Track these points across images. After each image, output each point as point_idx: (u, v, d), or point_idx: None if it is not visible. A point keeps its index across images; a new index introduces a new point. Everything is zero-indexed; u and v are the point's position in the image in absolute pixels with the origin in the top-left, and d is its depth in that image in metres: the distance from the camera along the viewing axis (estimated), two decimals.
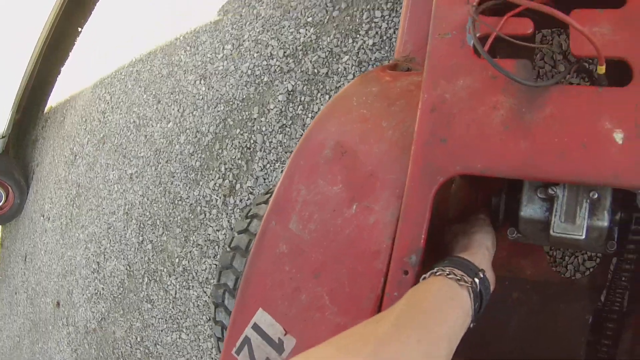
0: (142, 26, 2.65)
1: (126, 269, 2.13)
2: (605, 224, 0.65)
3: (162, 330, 1.91)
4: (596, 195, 0.64)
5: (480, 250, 0.65)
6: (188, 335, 1.81)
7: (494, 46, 0.62)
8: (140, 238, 2.08)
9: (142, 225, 2.10)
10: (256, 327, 0.74)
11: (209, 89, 2.08)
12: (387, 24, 1.61)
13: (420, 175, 0.66)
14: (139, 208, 2.14)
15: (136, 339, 2.03)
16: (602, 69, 0.58)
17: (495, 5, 0.64)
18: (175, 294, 1.88)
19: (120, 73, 2.61)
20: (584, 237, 0.65)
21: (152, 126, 2.25)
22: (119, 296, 2.15)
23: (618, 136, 0.58)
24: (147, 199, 2.11)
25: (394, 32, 1.60)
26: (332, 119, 0.80)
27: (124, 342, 2.09)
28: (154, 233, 2.03)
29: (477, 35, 0.63)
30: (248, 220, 1.13)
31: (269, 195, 1.16)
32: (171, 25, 2.44)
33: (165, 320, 1.90)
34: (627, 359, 0.72)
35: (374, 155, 0.75)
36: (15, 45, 2.83)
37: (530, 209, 0.69)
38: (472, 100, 0.64)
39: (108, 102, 2.59)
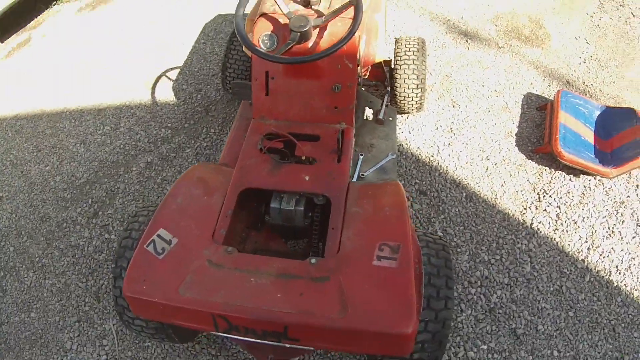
0: (30, 93, 3.48)
1: None
2: (302, 208, 1.64)
3: (10, 313, 2.48)
4: (297, 196, 1.66)
5: None
6: (37, 313, 2.48)
7: (269, 150, 1.79)
8: (2, 243, 2.73)
9: (5, 234, 2.76)
10: (158, 235, 1.50)
11: (87, 150, 3.06)
12: (217, 136, 2.97)
13: (234, 186, 1.67)
14: (5, 222, 2.81)
15: None
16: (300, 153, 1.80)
17: (270, 136, 1.85)
18: (31, 284, 2.56)
19: (1, 123, 3.33)
20: (293, 209, 1.63)
21: (30, 166, 3.05)
22: None
23: (306, 178, 1.67)
24: (16, 216, 2.83)
25: (220, 141, 2.95)
26: (196, 171, 1.78)
27: None
28: (17, 240, 2.73)
29: (265, 146, 1.79)
30: (128, 232, 1.72)
31: (144, 210, 1.80)
32: (58, 99, 3.38)
33: (16, 304, 2.51)
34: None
35: (216, 182, 1.71)
36: None
37: (275, 203, 1.66)
38: (256, 166, 1.72)
39: None
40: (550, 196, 2.50)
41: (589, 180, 2.55)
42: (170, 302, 1.38)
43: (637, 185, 2.54)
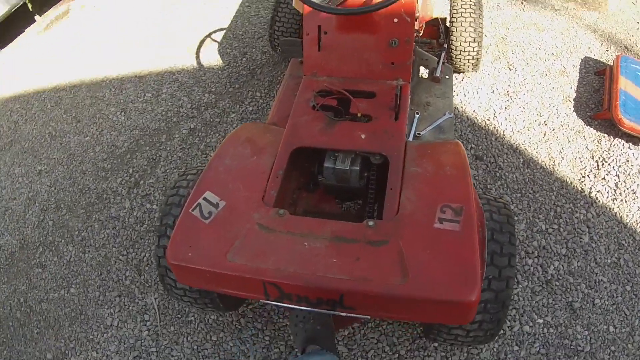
0: (69, 64, 3.33)
1: (19, 242, 2.54)
2: (357, 168, 1.58)
3: (49, 289, 2.33)
4: (353, 155, 1.59)
5: None
6: (77, 289, 2.32)
7: (322, 107, 1.69)
8: (41, 217, 2.57)
9: (44, 208, 2.61)
10: (204, 199, 1.43)
11: (127, 119, 2.86)
12: (263, 100, 2.71)
13: (285, 144, 1.58)
14: (44, 195, 2.65)
15: (18, 300, 2.34)
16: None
17: (323, 93, 1.74)
18: (70, 258, 2.39)
19: (40, 95, 3.19)
20: (348, 168, 1.56)
21: (69, 137, 2.88)
22: (5, 266, 2.51)
23: (362, 136, 1.59)
24: (55, 189, 2.66)
25: (266, 105, 2.68)
26: (243, 131, 1.70)
27: (2, 306, 2.41)
28: (56, 214, 2.56)
29: (317, 103, 1.69)
30: (175, 189, 1.65)
31: (188, 174, 1.69)
32: (97, 69, 3.21)
33: (55, 280, 2.35)
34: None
35: (265, 142, 1.64)
36: None
37: (329, 162, 1.59)
38: (309, 124, 1.65)
39: (22, 115, 3.11)
40: (609, 164, 2.38)
41: None
42: (218, 269, 1.30)
43: None
